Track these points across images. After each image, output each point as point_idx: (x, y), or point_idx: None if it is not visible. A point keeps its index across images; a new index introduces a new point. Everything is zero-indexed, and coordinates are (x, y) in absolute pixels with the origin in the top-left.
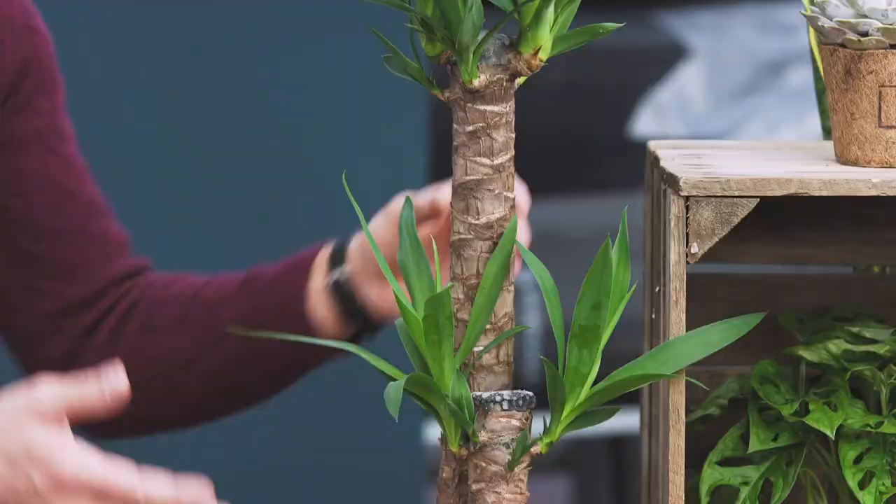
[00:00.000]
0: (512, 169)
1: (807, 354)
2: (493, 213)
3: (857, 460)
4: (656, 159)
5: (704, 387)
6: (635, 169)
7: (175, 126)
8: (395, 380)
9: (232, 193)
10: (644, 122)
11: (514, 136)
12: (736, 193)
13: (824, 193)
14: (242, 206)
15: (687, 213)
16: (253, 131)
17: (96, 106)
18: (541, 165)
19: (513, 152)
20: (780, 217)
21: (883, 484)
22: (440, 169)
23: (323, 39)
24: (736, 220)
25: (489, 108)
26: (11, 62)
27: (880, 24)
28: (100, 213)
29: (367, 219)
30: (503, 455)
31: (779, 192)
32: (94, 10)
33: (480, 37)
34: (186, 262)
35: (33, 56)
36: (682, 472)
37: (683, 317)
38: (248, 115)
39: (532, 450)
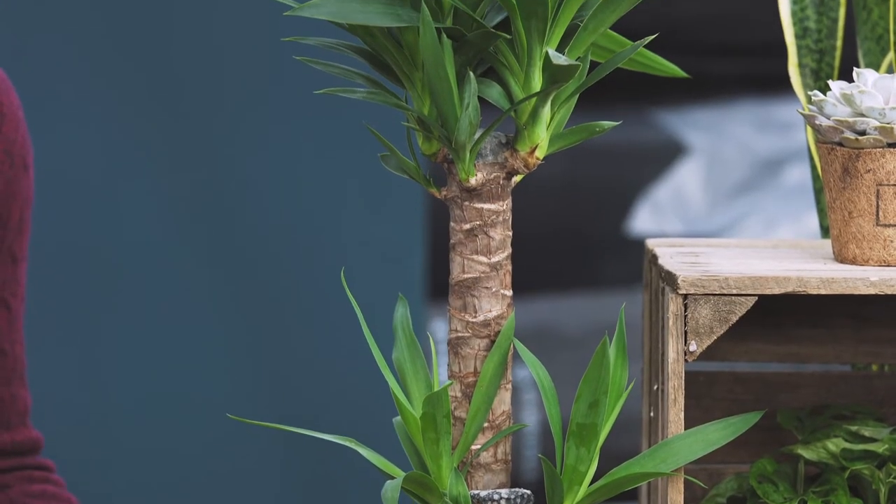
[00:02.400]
0: (509, 267)
1: (805, 453)
2: (490, 311)
3: None
4: (654, 257)
5: (703, 485)
6: (633, 266)
7: (168, 220)
8: (392, 477)
9: (226, 288)
10: (642, 220)
11: (511, 233)
12: (734, 291)
13: (822, 292)
14: (236, 300)
15: (685, 311)
16: (248, 227)
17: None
18: (538, 263)
19: (510, 250)
20: (778, 315)
21: None
22: (437, 266)
23: (319, 136)
24: (734, 319)
25: (486, 206)
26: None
27: (878, 123)
28: (18, 378)
29: (365, 316)
30: None
31: (777, 291)
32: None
33: (477, 135)
34: (176, 358)
35: (20, 194)
36: None
37: (682, 415)
38: (243, 211)
39: None
